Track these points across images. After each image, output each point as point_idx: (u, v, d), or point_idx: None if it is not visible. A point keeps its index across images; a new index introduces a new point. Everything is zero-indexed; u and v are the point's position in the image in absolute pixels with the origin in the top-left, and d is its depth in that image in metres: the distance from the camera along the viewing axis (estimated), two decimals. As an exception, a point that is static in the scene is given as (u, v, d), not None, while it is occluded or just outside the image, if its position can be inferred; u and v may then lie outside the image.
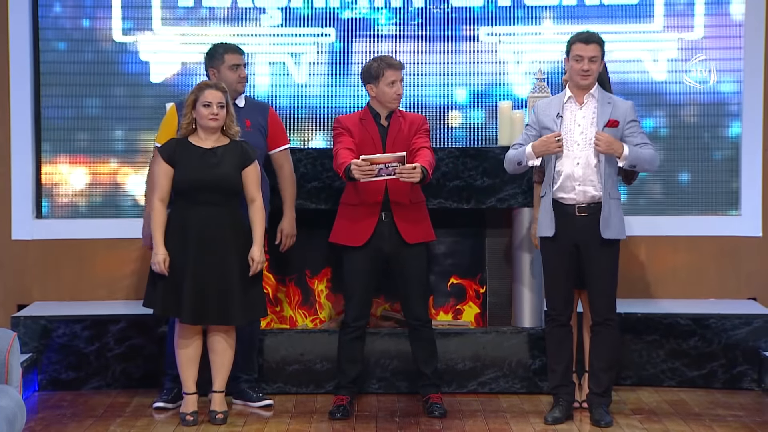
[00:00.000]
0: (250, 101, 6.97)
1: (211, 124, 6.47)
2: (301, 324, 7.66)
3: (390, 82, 6.65)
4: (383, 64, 6.67)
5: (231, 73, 6.84)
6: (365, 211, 6.66)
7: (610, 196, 6.45)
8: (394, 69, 6.66)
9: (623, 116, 6.46)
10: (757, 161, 7.87)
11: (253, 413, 6.85)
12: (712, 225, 7.91)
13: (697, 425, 6.58)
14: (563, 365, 6.63)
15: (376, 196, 6.63)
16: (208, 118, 6.47)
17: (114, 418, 6.72)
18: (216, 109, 6.46)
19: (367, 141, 6.65)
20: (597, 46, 6.44)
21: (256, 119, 6.88)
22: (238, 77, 6.85)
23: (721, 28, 7.86)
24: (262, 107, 7.01)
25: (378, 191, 6.62)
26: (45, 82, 7.83)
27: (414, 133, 6.71)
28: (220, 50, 6.90)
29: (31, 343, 7.27)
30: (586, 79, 6.44)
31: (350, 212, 6.71)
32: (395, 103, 6.70)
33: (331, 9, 7.82)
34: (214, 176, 6.47)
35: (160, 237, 6.47)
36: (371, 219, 6.65)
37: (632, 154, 6.42)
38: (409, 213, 6.69)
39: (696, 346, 7.35)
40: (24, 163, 7.79)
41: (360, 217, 6.66)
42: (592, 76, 6.45)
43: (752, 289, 7.92)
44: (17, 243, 7.83)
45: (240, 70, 6.87)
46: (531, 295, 7.32)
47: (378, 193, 6.62)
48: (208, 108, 6.46)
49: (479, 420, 6.72)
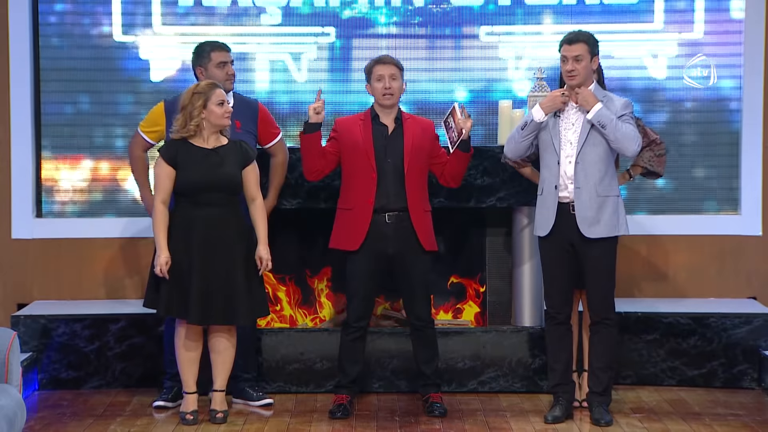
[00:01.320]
0: (239, 99, 6.92)
1: (225, 122, 6.52)
2: (301, 323, 7.66)
3: (377, 78, 6.62)
4: (373, 60, 6.69)
5: (218, 70, 6.84)
6: (359, 214, 6.63)
7: (598, 194, 6.43)
8: (381, 64, 6.63)
9: (615, 112, 6.43)
10: (757, 160, 7.87)
11: (253, 412, 6.86)
12: (712, 224, 7.91)
13: (697, 424, 6.58)
14: (563, 364, 6.63)
15: (367, 198, 6.61)
16: (224, 116, 6.49)
17: (114, 418, 6.72)
18: (228, 107, 6.52)
19: (357, 142, 6.63)
20: (582, 45, 6.43)
21: (245, 122, 6.85)
22: (225, 74, 6.84)
23: (721, 27, 7.86)
24: (252, 107, 6.98)
25: (369, 193, 6.60)
26: (45, 80, 7.83)
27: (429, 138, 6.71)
28: (206, 48, 6.90)
29: (31, 342, 7.27)
30: (572, 80, 6.45)
31: (345, 216, 6.70)
32: (385, 101, 6.64)
33: (331, 8, 7.82)
34: (218, 176, 6.48)
35: (163, 239, 6.47)
36: (364, 221, 6.62)
37: (604, 114, 6.36)
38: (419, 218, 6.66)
39: (696, 345, 7.35)
40: (24, 162, 7.79)
41: (354, 221, 6.64)
42: (579, 75, 6.43)
43: (752, 288, 7.92)
44: (17, 242, 7.83)
45: (227, 67, 6.86)
46: (531, 294, 7.32)
47: (369, 195, 6.60)
48: (222, 106, 6.48)
49: (479, 419, 6.72)
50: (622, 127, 6.39)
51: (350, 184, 6.68)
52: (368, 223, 6.61)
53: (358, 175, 6.64)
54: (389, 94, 6.62)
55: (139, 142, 7.01)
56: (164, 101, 6.97)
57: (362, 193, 6.62)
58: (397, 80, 6.64)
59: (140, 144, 7.00)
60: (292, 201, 7.28)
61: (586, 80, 6.48)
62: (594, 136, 6.43)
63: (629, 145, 6.41)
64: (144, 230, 7.61)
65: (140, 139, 7.00)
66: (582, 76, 6.44)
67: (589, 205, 6.43)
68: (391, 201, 6.63)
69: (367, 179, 6.62)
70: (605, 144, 6.43)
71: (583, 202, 6.44)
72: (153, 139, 6.95)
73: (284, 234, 7.55)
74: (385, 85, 6.60)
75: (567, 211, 6.47)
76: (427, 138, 6.70)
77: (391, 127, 6.67)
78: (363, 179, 6.63)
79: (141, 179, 7.06)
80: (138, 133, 7.00)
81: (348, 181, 6.70)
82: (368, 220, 6.61)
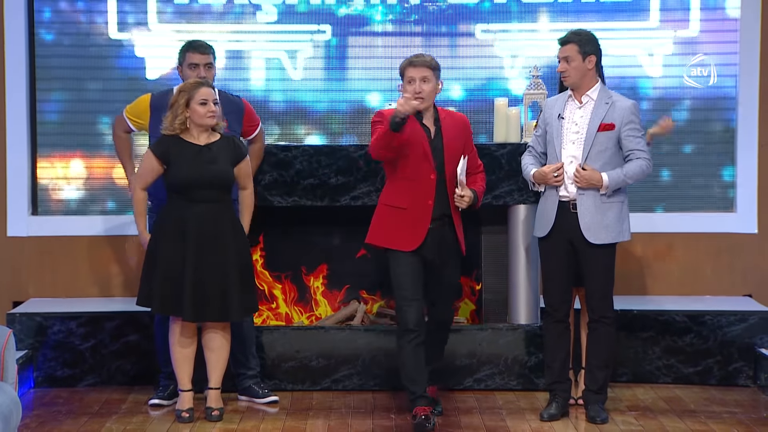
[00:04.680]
0: (224, 98, 6.82)
1: (209, 122, 6.48)
2: (296, 321, 7.66)
3: (408, 80, 6.34)
4: (406, 61, 6.39)
5: (190, 71, 6.81)
6: (416, 215, 6.35)
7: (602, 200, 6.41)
8: (412, 66, 6.33)
9: (620, 118, 6.43)
10: (752, 158, 7.87)
11: (251, 409, 6.85)
12: (708, 222, 7.91)
13: (693, 422, 6.58)
14: (560, 362, 6.63)
15: (426, 199, 6.35)
16: (206, 116, 6.46)
17: (109, 415, 6.71)
18: (212, 106, 6.47)
19: (414, 141, 6.31)
20: (572, 46, 6.43)
21: (231, 123, 6.80)
22: (196, 76, 6.72)
23: (716, 25, 7.87)
24: (237, 107, 6.93)
25: (428, 194, 6.35)
26: (40, 77, 7.82)
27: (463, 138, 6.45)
28: (184, 47, 6.90)
29: (27, 340, 7.27)
30: (565, 80, 6.47)
31: (397, 215, 6.40)
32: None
33: (327, 5, 7.81)
34: (211, 173, 6.47)
35: (141, 222, 6.55)
36: (423, 223, 6.34)
37: (613, 182, 6.39)
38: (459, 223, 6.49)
39: (691, 343, 7.36)
40: (19, 160, 7.79)
41: (411, 221, 6.35)
42: (570, 76, 6.44)
43: (748, 286, 7.93)
44: (12, 240, 7.82)
45: (198, 69, 6.79)
46: (527, 292, 7.32)
47: (428, 196, 6.35)
48: (205, 106, 6.46)
49: (475, 417, 6.72)
50: (631, 173, 6.41)
51: (405, 182, 6.36)
52: (428, 225, 6.34)
53: (417, 174, 6.33)
54: (420, 98, 6.30)
55: (121, 124, 6.99)
56: (151, 95, 6.94)
57: (421, 194, 6.34)
58: (430, 82, 6.32)
59: (122, 125, 6.99)
60: (287, 199, 7.27)
61: (583, 80, 6.47)
62: (600, 143, 6.41)
63: (640, 179, 6.50)
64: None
65: (123, 122, 6.97)
66: (574, 76, 6.44)
67: (594, 211, 6.42)
68: (437, 206, 6.39)
69: (426, 180, 6.33)
70: (612, 149, 6.43)
71: (587, 208, 6.43)
72: (135, 128, 6.96)
73: (280, 232, 7.55)
74: (416, 88, 6.30)
75: (567, 209, 6.47)
76: (460, 140, 6.45)
77: (433, 130, 6.41)
78: (422, 179, 6.33)
79: (124, 159, 7.08)
80: (122, 115, 6.98)
81: (403, 178, 6.37)
82: (428, 221, 6.34)
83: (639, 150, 6.43)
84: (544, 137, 6.56)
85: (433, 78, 6.34)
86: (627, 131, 6.44)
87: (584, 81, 6.47)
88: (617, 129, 6.42)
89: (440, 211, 6.39)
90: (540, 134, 6.59)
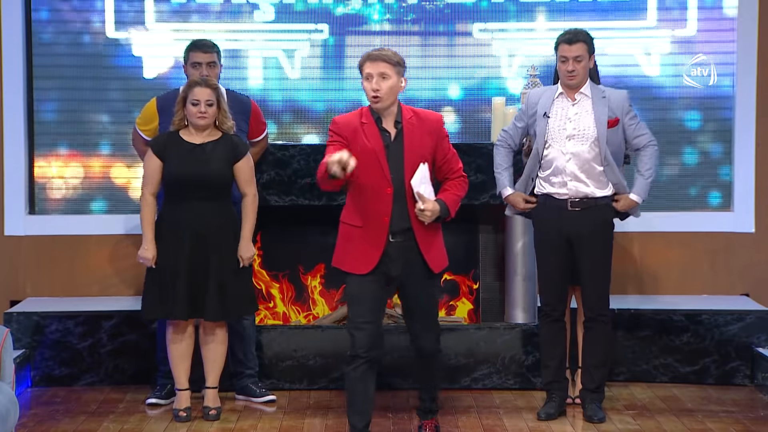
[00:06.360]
0: (232, 97, 6.86)
1: (199, 123, 6.47)
2: (294, 320, 7.66)
3: (366, 76, 5.74)
4: (364, 55, 5.79)
5: (193, 70, 6.82)
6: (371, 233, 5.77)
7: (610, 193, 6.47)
8: (369, 60, 5.72)
9: (620, 109, 6.47)
10: (749, 157, 7.87)
11: (249, 408, 6.85)
12: (705, 221, 7.92)
13: (690, 421, 6.59)
14: (556, 361, 6.63)
15: (382, 217, 5.75)
16: (196, 116, 6.47)
17: (107, 415, 6.71)
18: (204, 108, 6.45)
19: (368, 150, 5.72)
20: (581, 45, 6.42)
21: (237, 123, 6.81)
22: (198, 75, 6.72)
23: (714, 25, 7.87)
24: (244, 107, 6.95)
25: (384, 211, 5.74)
26: (38, 76, 7.81)
27: (433, 141, 5.81)
28: (188, 47, 6.90)
29: (24, 339, 7.26)
30: (572, 80, 6.45)
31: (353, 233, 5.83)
32: (374, 103, 5.72)
33: (325, 5, 7.81)
34: (202, 172, 6.46)
35: (150, 232, 6.48)
36: (379, 242, 5.76)
37: (644, 192, 6.50)
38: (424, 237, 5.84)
39: (689, 342, 7.36)
40: (17, 159, 7.78)
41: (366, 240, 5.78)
42: (579, 76, 6.44)
43: (745, 285, 7.93)
44: (10, 239, 7.82)
45: (200, 68, 6.80)
46: (524, 291, 7.32)
47: (384, 213, 5.75)
48: (196, 106, 6.46)
49: (472, 416, 6.72)
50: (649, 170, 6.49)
51: (361, 198, 5.79)
52: (383, 246, 5.74)
53: (371, 188, 5.75)
54: (377, 96, 5.71)
55: (138, 138, 7.02)
56: (156, 98, 6.97)
57: (376, 211, 5.75)
58: (389, 78, 5.71)
59: (139, 140, 7.00)
60: (284, 198, 7.27)
61: (585, 78, 6.49)
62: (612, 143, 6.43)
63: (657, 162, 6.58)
64: (137, 227, 7.55)
65: (138, 136, 7.00)
66: (581, 75, 6.45)
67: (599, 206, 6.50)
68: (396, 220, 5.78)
69: (382, 194, 5.74)
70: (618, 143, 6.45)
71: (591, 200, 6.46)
72: (149, 137, 6.93)
73: (277, 231, 7.55)
74: (373, 86, 5.70)
75: (564, 208, 6.48)
76: (427, 144, 5.81)
77: (393, 134, 5.79)
78: (376, 194, 5.75)
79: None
80: (136, 129, 7.01)
81: (357, 193, 5.80)
82: (383, 241, 5.74)
83: (642, 135, 6.50)
84: (525, 130, 6.57)
85: (394, 74, 5.72)
86: (628, 120, 6.49)
87: (585, 79, 6.49)
88: (621, 122, 6.46)
89: (401, 226, 5.77)
90: (522, 126, 6.58)
